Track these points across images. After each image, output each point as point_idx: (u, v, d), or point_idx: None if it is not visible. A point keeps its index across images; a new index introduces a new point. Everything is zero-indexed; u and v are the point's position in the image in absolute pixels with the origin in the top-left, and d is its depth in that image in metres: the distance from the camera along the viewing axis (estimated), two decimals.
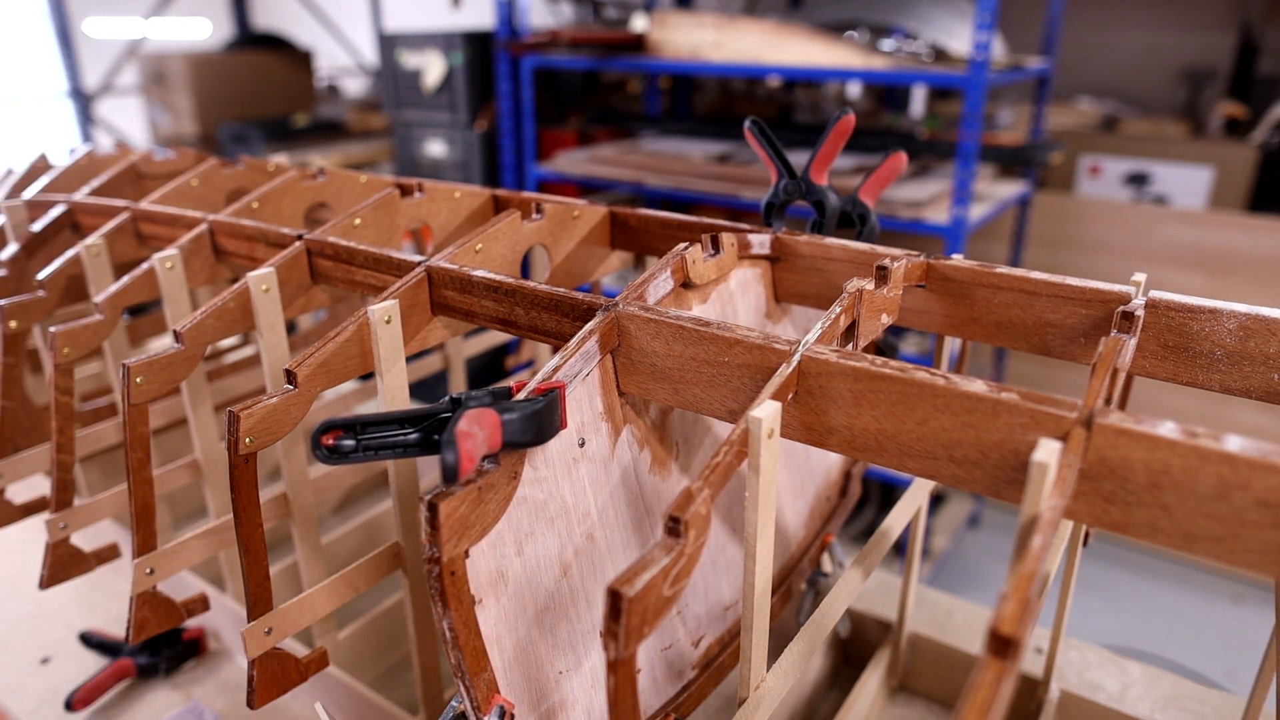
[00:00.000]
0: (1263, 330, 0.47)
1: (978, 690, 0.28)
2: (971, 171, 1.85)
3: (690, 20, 2.28)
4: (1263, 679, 0.55)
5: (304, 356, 0.54)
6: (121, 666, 0.82)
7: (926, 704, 0.77)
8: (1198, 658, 0.97)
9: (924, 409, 0.41)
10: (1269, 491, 0.33)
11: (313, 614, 0.61)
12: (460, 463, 0.38)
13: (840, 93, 3.21)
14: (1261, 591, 2.36)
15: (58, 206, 0.89)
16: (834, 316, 0.47)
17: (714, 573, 0.59)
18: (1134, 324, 0.47)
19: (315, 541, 0.75)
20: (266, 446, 0.53)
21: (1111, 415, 0.36)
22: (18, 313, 0.78)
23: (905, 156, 0.65)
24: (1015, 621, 0.29)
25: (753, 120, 0.67)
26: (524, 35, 2.47)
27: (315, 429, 0.41)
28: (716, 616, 0.60)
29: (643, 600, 0.34)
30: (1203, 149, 2.68)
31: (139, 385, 0.61)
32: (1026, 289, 0.53)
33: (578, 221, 0.70)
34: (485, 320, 0.59)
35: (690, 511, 0.36)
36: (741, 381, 0.47)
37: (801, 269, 0.62)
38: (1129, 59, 3.18)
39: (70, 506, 0.75)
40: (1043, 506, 0.35)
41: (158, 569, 0.65)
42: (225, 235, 0.75)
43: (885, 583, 0.85)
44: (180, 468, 0.81)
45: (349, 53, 4.45)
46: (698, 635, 0.58)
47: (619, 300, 0.51)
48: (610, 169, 2.42)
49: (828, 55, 2.06)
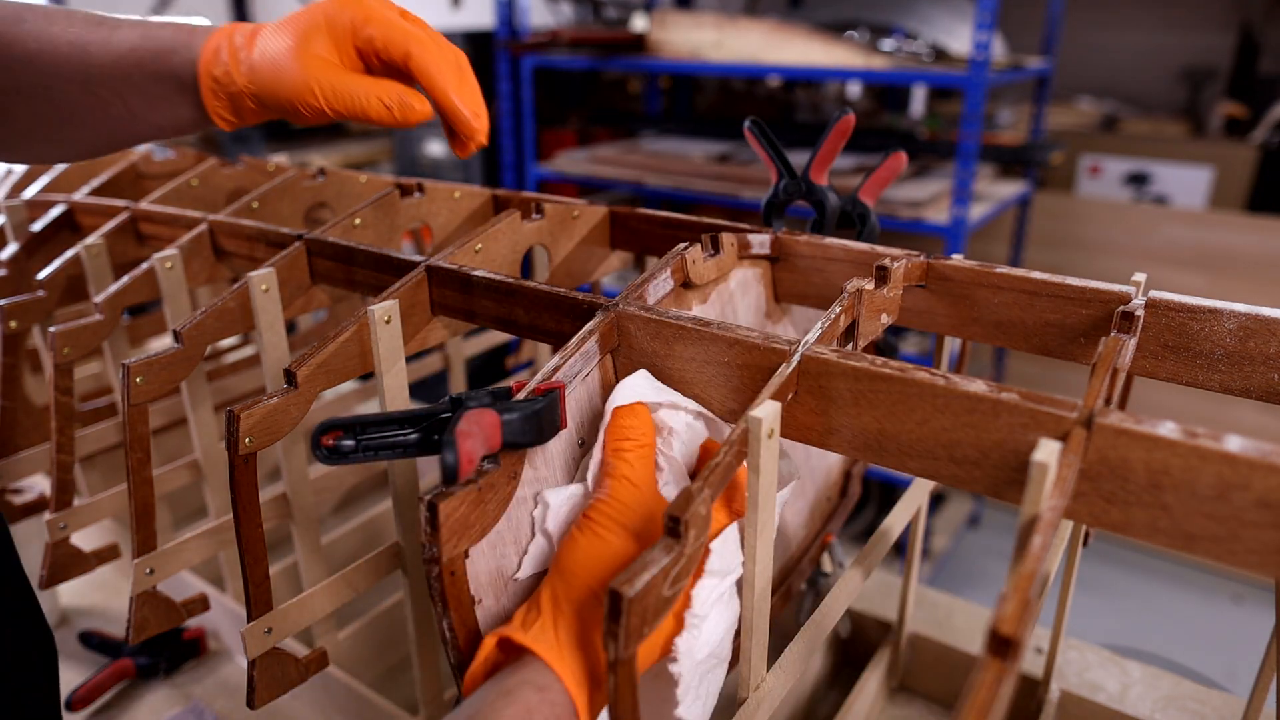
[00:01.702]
0: (1263, 330, 0.47)
1: (977, 690, 0.28)
2: (971, 171, 1.85)
3: (690, 20, 2.28)
4: (1263, 679, 0.55)
5: (304, 356, 0.54)
6: (121, 666, 0.82)
7: (926, 704, 0.77)
8: (1198, 658, 0.97)
9: (924, 409, 0.41)
10: (1269, 491, 0.33)
11: (313, 614, 0.61)
12: (460, 463, 0.38)
13: (840, 93, 3.21)
14: (1261, 591, 2.36)
15: (57, 206, 0.89)
16: (834, 316, 0.47)
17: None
18: (1134, 324, 0.47)
19: (315, 541, 0.75)
20: (266, 446, 0.53)
21: (1111, 415, 0.36)
22: (17, 313, 0.78)
23: (905, 156, 0.64)
24: (1015, 621, 0.29)
25: (753, 120, 0.67)
26: (524, 35, 2.47)
27: (315, 429, 0.41)
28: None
29: (643, 600, 0.34)
30: (1203, 149, 2.68)
31: (139, 385, 0.61)
32: (1026, 289, 0.53)
33: (578, 221, 0.70)
34: (485, 320, 0.59)
35: (690, 511, 0.36)
36: (741, 381, 0.47)
37: (801, 269, 0.62)
38: (1129, 59, 3.18)
39: (70, 506, 0.75)
40: (1043, 506, 0.35)
41: (158, 569, 0.65)
42: (225, 235, 0.75)
43: (885, 583, 0.85)
44: (180, 468, 0.81)
45: None
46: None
47: (619, 300, 0.51)
48: (610, 169, 2.42)
49: (828, 55, 2.06)
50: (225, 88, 0.54)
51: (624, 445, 0.46)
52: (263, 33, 0.53)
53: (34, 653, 0.57)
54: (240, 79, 0.53)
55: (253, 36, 0.54)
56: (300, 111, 0.52)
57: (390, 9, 0.52)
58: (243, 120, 0.56)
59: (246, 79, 0.53)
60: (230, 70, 0.53)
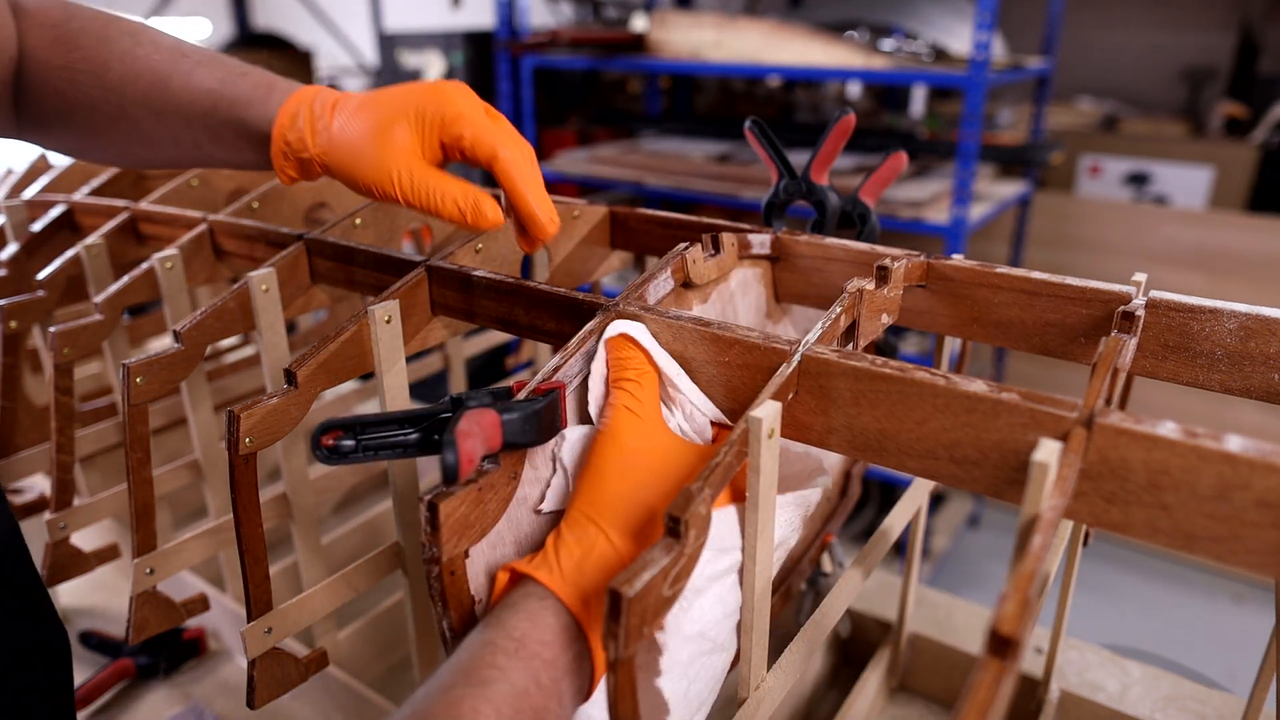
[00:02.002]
0: (1263, 330, 0.47)
1: (977, 690, 0.28)
2: (971, 171, 1.85)
3: (690, 20, 2.28)
4: (1263, 679, 0.55)
5: (304, 356, 0.54)
6: (121, 666, 0.82)
7: (926, 704, 0.77)
8: (1198, 658, 0.97)
9: (924, 409, 0.41)
10: (1269, 491, 0.33)
11: (313, 614, 0.61)
12: (460, 463, 0.38)
13: (840, 93, 3.21)
14: (1261, 591, 2.36)
15: (57, 206, 0.89)
16: (834, 316, 0.47)
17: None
18: (1134, 324, 0.47)
19: (315, 541, 0.75)
20: (266, 447, 0.53)
21: (1112, 415, 0.36)
22: (17, 313, 0.78)
23: (905, 156, 0.64)
24: (1015, 621, 0.29)
25: (753, 120, 0.67)
26: (524, 35, 2.47)
27: (315, 429, 0.41)
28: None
29: (642, 600, 0.34)
30: (1203, 149, 2.68)
31: (139, 385, 0.61)
32: (1027, 289, 0.53)
33: (578, 221, 0.70)
34: (485, 320, 0.59)
35: (690, 511, 0.36)
36: (742, 381, 0.47)
37: (801, 269, 0.62)
38: (1129, 59, 3.18)
39: (70, 506, 0.75)
40: (1043, 506, 0.35)
41: (158, 569, 0.65)
42: (225, 235, 0.75)
43: (885, 583, 0.85)
44: (180, 468, 0.81)
45: (349, 53, 4.45)
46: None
47: (619, 300, 0.51)
48: (610, 169, 2.42)
49: (828, 55, 2.06)
50: (297, 153, 0.55)
51: (623, 376, 0.47)
52: (344, 107, 0.54)
53: (45, 650, 0.57)
54: (315, 149, 0.54)
55: (333, 108, 0.54)
56: (372, 194, 0.54)
57: (478, 107, 0.53)
58: (307, 179, 0.58)
59: (322, 151, 0.54)
60: (305, 139, 0.54)
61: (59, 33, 0.58)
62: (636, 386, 0.46)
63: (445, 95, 0.52)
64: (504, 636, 0.37)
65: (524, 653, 0.37)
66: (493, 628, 0.38)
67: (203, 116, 0.57)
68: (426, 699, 0.35)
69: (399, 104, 0.52)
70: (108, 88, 0.58)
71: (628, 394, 0.46)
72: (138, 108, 0.58)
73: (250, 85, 0.56)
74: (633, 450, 0.44)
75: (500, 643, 0.37)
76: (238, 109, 0.56)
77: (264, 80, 0.57)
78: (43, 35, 0.58)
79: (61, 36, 0.58)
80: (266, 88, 0.56)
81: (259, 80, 0.57)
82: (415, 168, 0.52)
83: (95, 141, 0.62)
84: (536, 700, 0.36)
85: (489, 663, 0.36)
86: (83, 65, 0.57)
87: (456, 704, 0.34)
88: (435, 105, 0.52)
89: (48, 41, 0.58)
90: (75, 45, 0.58)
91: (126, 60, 0.57)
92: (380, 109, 0.53)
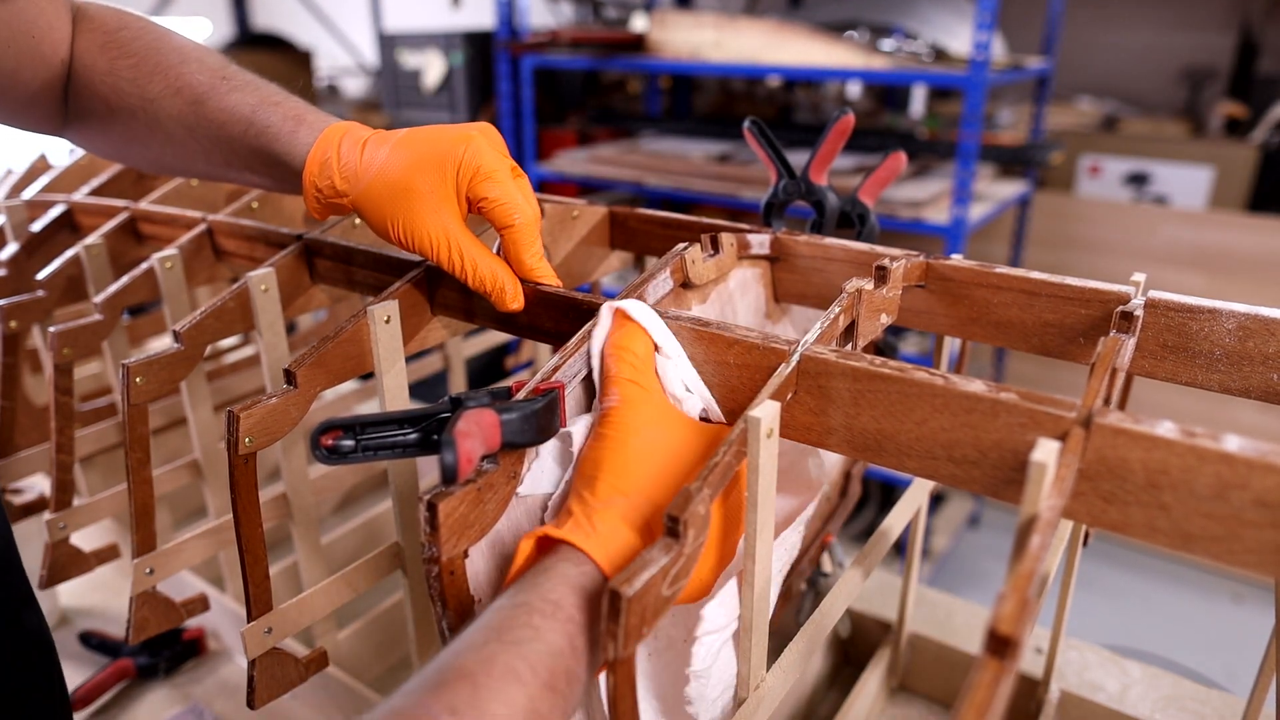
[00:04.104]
0: (1262, 330, 0.47)
1: (976, 690, 0.28)
2: (971, 171, 1.85)
3: (690, 20, 2.28)
4: (1263, 679, 0.55)
5: (303, 356, 0.54)
6: (121, 667, 0.82)
7: (926, 704, 0.77)
8: (1198, 658, 0.97)
9: (923, 409, 0.41)
10: (1267, 491, 0.33)
11: (313, 614, 0.61)
12: (459, 463, 0.38)
13: (840, 93, 3.21)
14: (1261, 591, 2.36)
15: (57, 206, 0.89)
16: (833, 316, 0.47)
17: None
18: (1133, 324, 0.47)
19: (315, 541, 0.75)
20: (266, 446, 0.53)
21: (1110, 415, 0.36)
22: (17, 313, 0.78)
23: (905, 156, 0.65)
24: (1014, 621, 0.29)
25: (752, 120, 0.67)
26: (524, 35, 2.47)
27: (315, 429, 0.41)
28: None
29: (641, 600, 0.34)
30: (1203, 149, 2.68)
31: (139, 385, 0.61)
32: (1026, 289, 0.53)
33: (577, 221, 0.70)
34: (485, 320, 0.59)
35: (689, 511, 0.36)
36: (741, 381, 0.47)
37: (801, 269, 0.62)
38: (1129, 59, 3.17)
39: (70, 506, 0.75)
40: (1041, 506, 0.35)
41: (157, 569, 0.66)
42: (225, 235, 0.75)
43: (885, 583, 0.85)
44: (180, 468, 0.81)
45: (349, 53, 4.45)
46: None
47: (618, 300, 0.51)
48: (610, 169, 2.42)
49: (828, 55, 2.06)
50: (328, 197, 0.56)
51: (623, 353, 0.47)
52: (375, 154, 0.55)
53: (34, 653, 0.57)
54: (347, 197, 0.56)
55: (363, 149, 0.55)
56: (409, 249, 0.55)
57: (505, 166, 0.54)
58: (341, 215, 0.59)
59: (359, 196, 0.55)
60: (335, 184, 0.55)
61: (110, 39, 0.60)
62: (636, 359, 0.47)
63: (477, 150, 0.53)
64: (539, 599, 0.37)
65: (560, 615, 0.36)
66: (526, 590, 0.37)
67: (233, 140, 0.59)
68: (455, 655, 0.35)
69: (431, 154, 0.53)
70: (148, 98, 0.59)
71: (630, 366, 0.46)
72: (173, 121, 0.59)
73: (280, 116, 0.57)
74: (649, 423, 0.44)
75: (536, 604, 0.37)
76: (265, 139, 0.57)
77: (294, 113, 0.58)
78: (94, 40, 0.60)
79: (111, 43, 0.60)
80: (295, 121, 0.57)
81: (289, 112, 0.58)
82: (453, 234, 0.53)
83: (131, 148, 0.64)
84: (570, 663, 0.36)
85: (524, 622, 0.36)
86: (127, 74, 0.59)
87: (490, 659, 0.34)
88: (468, 159, 0.52)
89: (97, 46, 0.60)
90: (124, 53, 0.60)
91: (170, 75, 0.59)
92: (412, 157, 0.53)
